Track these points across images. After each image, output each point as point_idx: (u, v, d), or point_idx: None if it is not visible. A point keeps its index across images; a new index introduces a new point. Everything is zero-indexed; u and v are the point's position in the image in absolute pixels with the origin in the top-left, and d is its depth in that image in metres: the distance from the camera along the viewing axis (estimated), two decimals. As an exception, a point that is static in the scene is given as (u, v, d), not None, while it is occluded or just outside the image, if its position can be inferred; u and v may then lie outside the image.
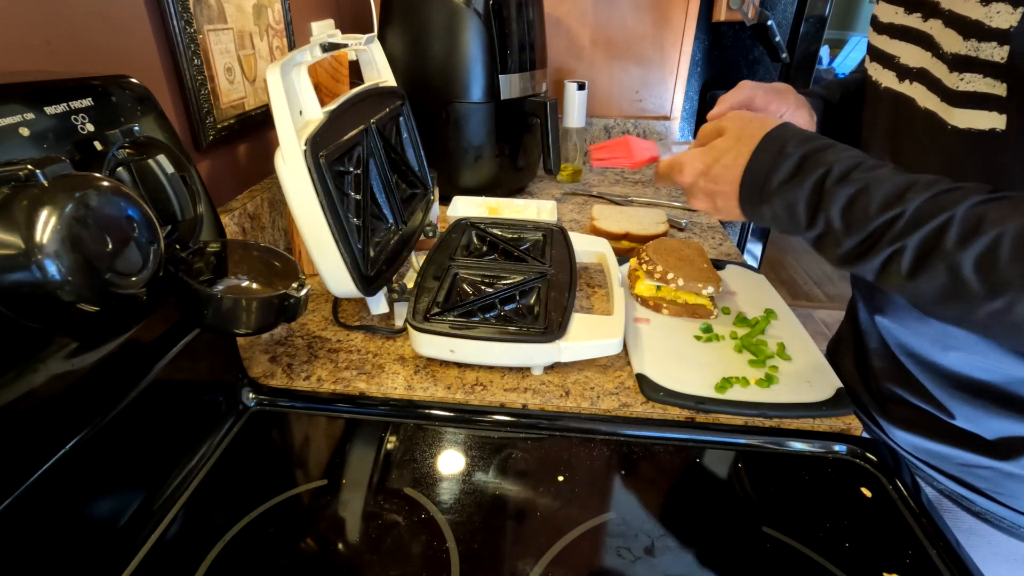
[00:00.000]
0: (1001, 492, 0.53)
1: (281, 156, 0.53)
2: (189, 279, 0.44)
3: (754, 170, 0.46)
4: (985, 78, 0.41)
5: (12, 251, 0.29)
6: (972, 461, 0.53)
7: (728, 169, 0.47)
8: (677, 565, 0.42)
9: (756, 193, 0.46)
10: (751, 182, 0.46)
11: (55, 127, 0.37)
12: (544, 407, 0.57)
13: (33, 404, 0.34)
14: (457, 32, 0.92)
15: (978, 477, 0.54)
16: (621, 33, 1.29)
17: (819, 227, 0.43)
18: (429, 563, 0.41)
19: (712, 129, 0.51)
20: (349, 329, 0.68)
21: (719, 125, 0.51)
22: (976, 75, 0.41)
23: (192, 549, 0.42)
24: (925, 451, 0.57)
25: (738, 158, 0.47)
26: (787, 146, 0.45)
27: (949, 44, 0.44)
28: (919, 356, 0.55)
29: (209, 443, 0.51)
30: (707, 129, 0.52)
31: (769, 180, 0.45)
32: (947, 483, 0.56)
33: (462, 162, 1.01)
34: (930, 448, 0.56)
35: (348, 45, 0.63)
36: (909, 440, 0.58)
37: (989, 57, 0.40)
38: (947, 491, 0.57)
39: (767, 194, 0.45)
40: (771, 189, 0.45)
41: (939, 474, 0.57)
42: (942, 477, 0.57)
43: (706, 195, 0.50)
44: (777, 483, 0.50)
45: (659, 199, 1.15)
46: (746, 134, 0.48)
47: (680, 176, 0.51)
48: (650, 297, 0.72)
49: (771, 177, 0.45)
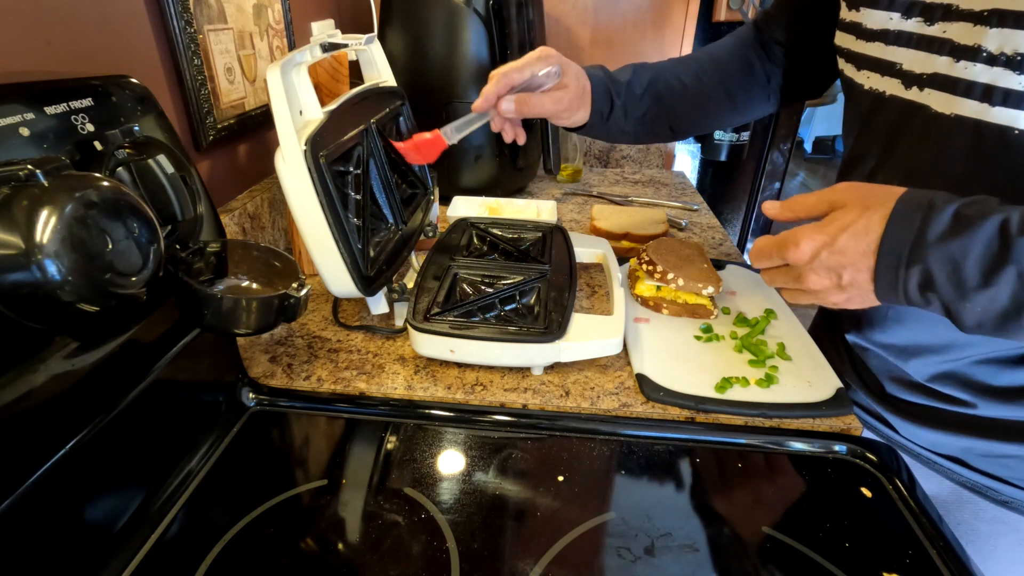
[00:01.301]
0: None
1: (281, 156, 0.53)
2: (189, 279, 0.44)
3: (898, 231, 0.40)
4: None
5: (12, 251, 0.29)
6: (998, 451, 0.53)
7: (859, 237, 0.41)
8: (677, 565, 0.42)
9: (902, 255, 0.40)
10: (895, 243, 0.40)
11: (55, 127, 0.37)
12: (544, 407, 0.57)
13: (33, 404, 0.34)
14: (457, 32, 0.92)
15: (1003, 466, 0.54)
16: (621, 33, 1.29)
17: (999, 284, 0.37)
18: (429, 563, 0.41)
19: (815, 202, 0.45)
20: (349, 329, 0.68)
21: (831, 199, 0.44)
22: None
23: (192, 549, 0.42)
24: (944, 445, 0.57)
25: (871, 224, 0.40)
26: (935, 201, 0.39)
27: (1004, 43, 0.41)
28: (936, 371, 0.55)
29: (209, 443, 0.51)
30: (807, 203, 0.45)
31: (921, 237, 0.39)
32: (969, 475, 0.56)
33: (462, 162, 1.01)
34: (950, 442, 0.56)
35: (348, 45, 0.63)
36: (924, 435, 0.58)
37: None
38: (969, 483, 0.57)
39: (919, 253, 0.39)
40: (925, 245, 0.38)
41: (960, 466, 0.57)
42: (963, 469, 0.57)
43: (829, 270, 0.43)
44: (777, 483, 0.50)
45: (659, 199, 1.15)
46: (874, 201, 0.41)
47: (796, 252, 0.43)
48: (650, 297, 0.72)
49: (923, 234, 0.39)
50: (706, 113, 0.74)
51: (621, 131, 0.72)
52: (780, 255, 0.45)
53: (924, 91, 0.47)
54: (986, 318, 0.39)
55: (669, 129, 0.74)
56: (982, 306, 0.38)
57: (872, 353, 0.60)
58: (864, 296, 0.43)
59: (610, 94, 0.69)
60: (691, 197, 1.17)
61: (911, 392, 0.58)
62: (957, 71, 0.44)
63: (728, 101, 0.73)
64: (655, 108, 0.71)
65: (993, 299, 0.38)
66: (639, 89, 0.70)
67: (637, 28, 1.27)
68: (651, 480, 0.50)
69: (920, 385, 0.57)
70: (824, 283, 0.44)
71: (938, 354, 0.54)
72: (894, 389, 0.59)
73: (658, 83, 0.71)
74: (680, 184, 1.26)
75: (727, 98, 0.73)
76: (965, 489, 0.57)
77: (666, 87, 0.71)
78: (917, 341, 0.55)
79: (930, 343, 0.54)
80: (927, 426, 0.57)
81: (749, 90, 0.73)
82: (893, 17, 0.49)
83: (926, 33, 0.46)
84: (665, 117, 0.72)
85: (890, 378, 0.60)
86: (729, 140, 1.52)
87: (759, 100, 0.74)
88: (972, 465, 0.56)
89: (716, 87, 0.72)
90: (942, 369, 0.55)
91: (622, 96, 0.69)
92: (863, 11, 0.52)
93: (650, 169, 1.37)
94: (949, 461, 0.58)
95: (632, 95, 0.70)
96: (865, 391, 0.63)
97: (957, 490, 0.58)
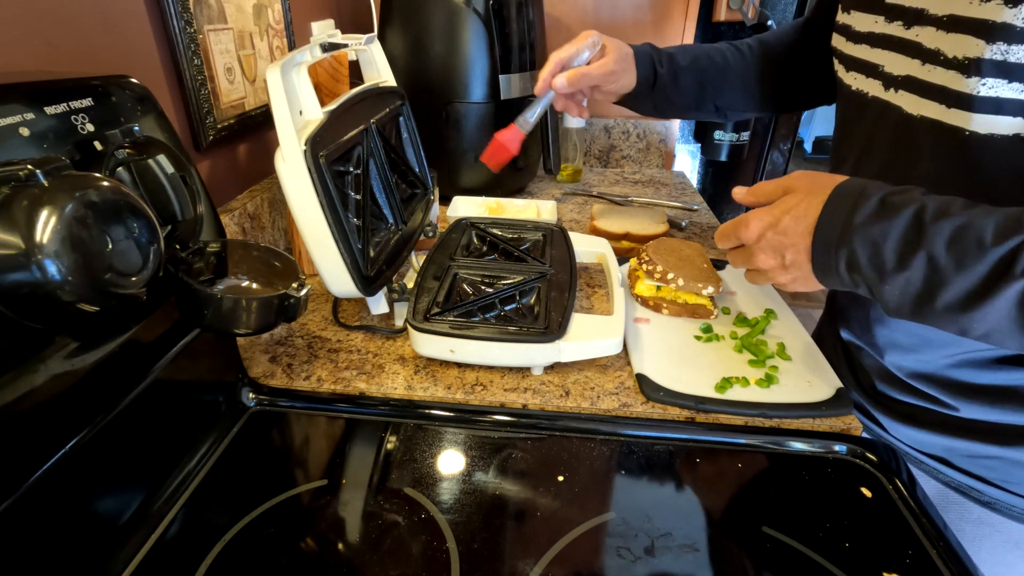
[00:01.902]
0: (1010, 480, 0.53)
1: (281, 156, 0.53)
2: (189, 279, 0.44)
3: (831, 214, 0.43)
4: (1011, 83, 0.40)
5: (12, 251, 0.29)
6: (980, 452, 0.53)
7: (799, 220, 0.44)
8: (677, 565, 0.42)
9: (833, 237, 0.42)
10: (827, 225, 0.43)
11: (55, 127, 0.37)
12: (544, 407, 0.57)
13: (33, 404, 0.34)
14: (457, 32, 0.92)
15: (986, 467, 0.54)
16: (621, 33, 1.28)
17: (913, 267, 0.39)
18: (429, 563, 0.41)
19: (774, 188, 0.48)
20: (349, 329, 0.68)
21: (785, 184, 0.47)
22: (1000, 80, 0.40)
23: (192, 549, 0.42)
24: (930, 445, 0.57)
25: (810, 208, 0.44)
26: (867, 189, 0.42)
27: (957, 48, 0.43)
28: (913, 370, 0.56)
29: (209, 443, 0.51)
30: (767, 188, 0.49)
31: (849, 220, 0.41)
32: (954, 475, 0.57)
33: (462, 162, 1.01)
34: (935, 441, 0.56)
35: (348, 45, 0.63)
36: (911, 435, 0.58)
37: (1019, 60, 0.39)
38: (954, 483, 0.57)
39: (846, 235, 0.41)
40: (851, 228, 0.41)
41: (945, 466, 0.57)
42: (948, 469, 0.57)
43: (773, 249, 0.46)
44: (777, 483, 0.50)
45: (659, 199, 1.15)
46: (817, 188, 0.45)
47: (745, 231, 0.47)
48: (650, 297, 0.72)
49: (851, 218, 0.41)
50: (751, 96, 0.76)
51: (668, 102, 0.75)
52: (735, 235, 0.49)
53: (898, 92, 0.49)
54: (904, 301, 0.41)
55: (714, 108, 0.76)
56: (899, 288, 0.41)
57: (864, 352, 0.61)
58: (806, 277, 0.46)
59: (653, 62, 0.72)
60: (691, 197, 1.17)
61: (897, 391, 0.58)
62: (923, 74, 0.46)
63: (772, 85, 0.75)
64: (700, 82, 0.73)
65: (908, 281, 0.40)
66: (684, 60, 0.73)
67: (637, 28, 1.27)
68: (651, 480, 0.50)
69: (905, 384, 0.57)
70: (771, 262, 0.47)
71: (914, 352, 0.55)
72: (883, 387, 0.60)
73: (701, 59, 0.73)
74: (680, 184, 1.26)
75: (772, 81, 0.74)
76: (951, 490, 0.58)
77: (709, 62, 0.73)
78: (894, 340, 0.56)
79: (905, 342, 0.55)
80: (913, 425, 0.58)
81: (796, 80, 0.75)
82: (878, 20, 0.51)
83: (904, 36, 0.48)
84: (711, 95, 0.74)
85: (879, 376, 0.60)
86: (729, 140, 1.52)
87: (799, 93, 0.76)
88: (957, 465, 0.56)
89: (762, 71, 0.74)
90: (920, 368, 0.55)
91: (665, 65, 0.72)
92: (853, 14, 0.54)
93: (650, 169, 1.37)
94: (935, 461, 0.58)
95: (675, 65, 0.72)
96: (858, 389, 0.63)
97: (943, 490, 0.58)
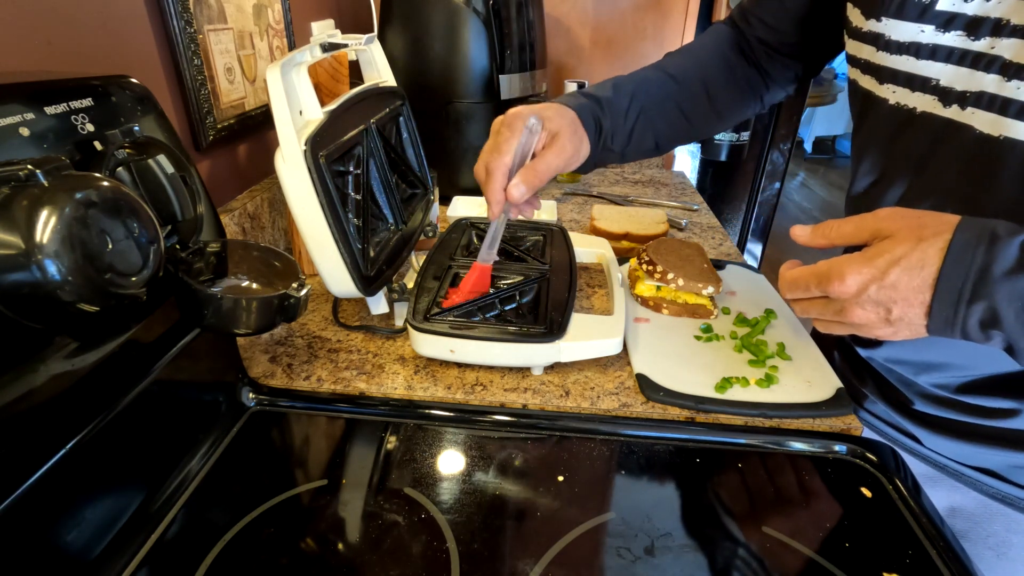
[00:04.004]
0: None
1: (281, 156, 0.53)
2: (189, 279, 0.44)
3: (957, 264, 0.37)
4: None
5: (12, 251, 0.29)
6: None
7: (913, 272, 0.38)
8: (677, 565, 0.42)
9: (964, 291, 0.37)
10: (955, 279, 0.37)
11: (55, 127, 0.37)
12: (544, 407, 0.57)
13: (33, 404, 0.34)
14: (457, 32, 0.92)
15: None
16: (621, 33, 1.29)
17: None
18: (429, 563, 0.41)
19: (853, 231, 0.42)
20: (349, 329, 0.68)
21: (873, 228, 0.41)
22: None
23: (192, 549, 0.42)
24: (974, 457, 0.55)
25: (926, 258, 0.38)
26: (998, 229, 0.37)
27: None
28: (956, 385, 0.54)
29: (209, 443, 0.51)
30: (844, 231, 0.43)
31: (987, 271, 0.36)
32: (1000, 486, 0.55)
33: (462, 162, 1.01)
34: (982, 454, 0.54)
35: (348, 45, 0.63)
36: (953, 448, 0.56)
37: None
38: (999, 494, 0.55)
39: (982, 290, 0.36)
40: (991, 280, 0.36)
41: (991, 477, 0.55)
42: (994, 480, 0.55)
43: (876, 304, 0.40)
44: (777, 483, 0.50)
45: (659, 199, 1.15)
46: (927, 231, 0.38)
47: (840, 287, 0.41)
48: (650, 297, 0.72)
49: (989, 267, 0.36)
50: (690, 123, 0.70)
51: (609, 151, 0.66)
52: (820, 288, 0.42)
53: (967, 110, 0.44)
54: None
55: (654, 143, 0.69)
56: None
57: (891, 369, 0.59)
58: (913, 330, 0.41)
59: (598, 118, 0.63)
60: (691, 197, 1.17)
61: (939, 407, 0.56)
62: (1008, 91, 0.41)
63: (711, 105, 0.70)
64: (641, 122, 0.66)
65: None
66: (624, 103, 0.65)
67: (637, 28, 1.27)
68: (651, 480, 0.50)
69: (950, 399, 0.55)
70: (870, 317, 0.41)
71: (945, 371, 0.53)
72: (922, 405, 0.57)
73: (639, 95, 0.66)
74: (680, 184, 1.26)
75: (710, 104, 0.70)
76: (995, 501, 0.55)
77: (647, 98, 0.66)
78: (924, 358, 0.54)
79: (937, 361, 0.53)
80: (957, 438, 0.55)
81: (731, 93, 0.70)
82: (925, 29, 0.46)
83: (971, 48, 0.43)
84: (650, 130, 0.67)
85: (916, 393, 0.57)
86: (729, 140, 1.52)
87: (743, 102, 0.72)
88: (1005, 477, 0.54)
89: (699, 95, 0.69)
90: (958, 382, 0.53)
91: (608, 116, 0.64)
92: (886, 21, 0.48)
93: (650, 169, 1.37)
94: (978, 472, 0.56)
95: (617, 112, 0.65)
96: (886, 403, 0.61)
97: (985, 502, 0.56)
